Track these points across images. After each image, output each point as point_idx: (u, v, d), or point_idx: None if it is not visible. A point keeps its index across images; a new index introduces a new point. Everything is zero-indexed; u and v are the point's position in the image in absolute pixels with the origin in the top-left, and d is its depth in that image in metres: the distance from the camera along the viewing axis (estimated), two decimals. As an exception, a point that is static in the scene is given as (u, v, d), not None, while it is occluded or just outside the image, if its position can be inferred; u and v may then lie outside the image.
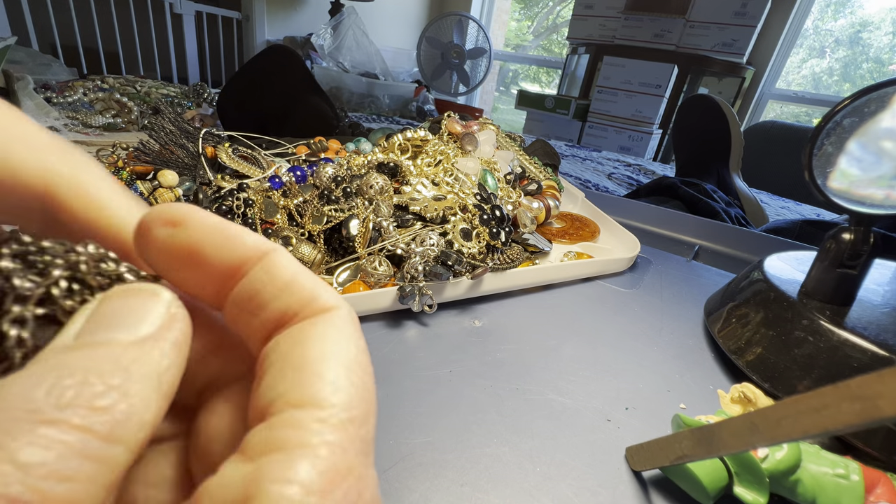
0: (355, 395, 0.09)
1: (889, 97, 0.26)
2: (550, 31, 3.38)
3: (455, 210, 0.38)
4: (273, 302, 0.10)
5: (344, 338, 0.09)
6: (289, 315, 0.10)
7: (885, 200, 0.27)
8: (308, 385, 0.08)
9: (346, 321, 0.10)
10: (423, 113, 2.03)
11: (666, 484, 0.22)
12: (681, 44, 1.82)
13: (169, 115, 0.44)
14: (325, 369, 0.09)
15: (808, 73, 2.37)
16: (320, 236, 0.36)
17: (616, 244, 0.48)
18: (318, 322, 0.09)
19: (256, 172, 0.42)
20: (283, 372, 0.09)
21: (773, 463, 0.20)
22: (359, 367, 0.09)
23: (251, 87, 0.77)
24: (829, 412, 0.13)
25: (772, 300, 0.31)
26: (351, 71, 2.10)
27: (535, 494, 0.21)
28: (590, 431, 0.25)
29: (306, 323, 0.09)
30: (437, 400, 0.26)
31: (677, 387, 0.29)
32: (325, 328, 0.09)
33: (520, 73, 3.57)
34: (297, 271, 0.10)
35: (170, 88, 1.00)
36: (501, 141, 0.57)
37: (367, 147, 0.56)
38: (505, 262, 0.38)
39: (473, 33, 2.54)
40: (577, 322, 0.35)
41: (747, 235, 0.56)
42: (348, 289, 0.33)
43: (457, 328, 0.33)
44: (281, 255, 0.10)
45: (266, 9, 2.15)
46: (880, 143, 0.27)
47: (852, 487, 0.20)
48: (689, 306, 0.40)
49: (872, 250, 0.28)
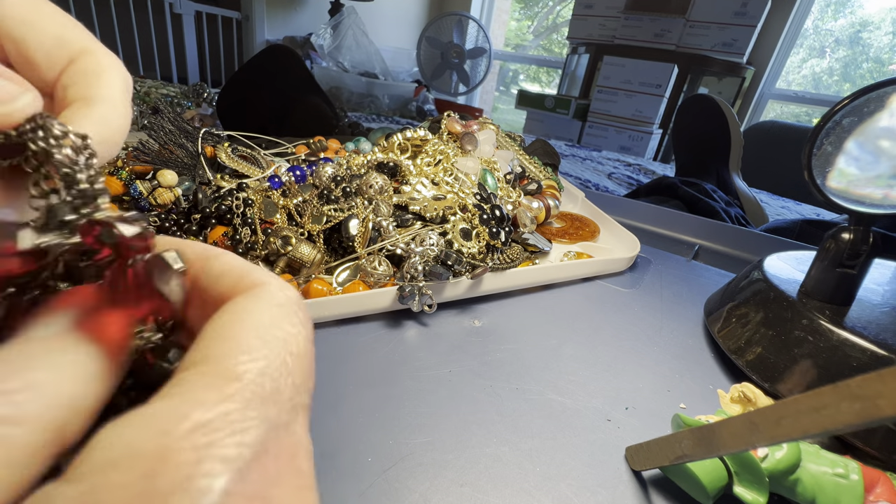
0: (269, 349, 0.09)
1: (887, 97, 0.26)
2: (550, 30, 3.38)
3: (455, 210, 0.38)
4: (211, 290, 0.10)
5: (263, 305, 0.10)
6: (223, 297, 0.10)
7: (883, 200, 0.27)
8: (210, 347, 0.09)
9: (273, 293, 0.10)
10: (423, 113, 2.03)
11: (666, 484, 0.22)
12: (681, 43, 1.82)
13: (168, 114, 0.44)
14: (233, 332, 0.09)
15: (808, 72, 2.37)
16: (320, 236, 0.36)
17: (616, 244, 0.48)
18: (242, 296, 0.10)
19: (256, 172, 0.42)
20: (199, 343, 0.09)
21: (772, 462, 0.20)
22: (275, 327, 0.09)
23: (251, 87, 0.77)
24: (828, 412, 0.13)
25: (771, 300, 0.31)
26: (351, 71, 2.10)
27: (534, 494, 0.21)
28: (590, 431, 0.25)
29: (230, 301, 0.10)
30: (437, 400, 0.26)
31: (677, 386, 0.29)
32: (247, 300, 0.10)
33: (520, 73, 3.57)
34: (231, 260, 0.11)
35: (169, 88, 1.00)
36: (501, 141, 0.57)
37: (366, 147, 0.56)
38: (505, 261, 0.38)
39: (473, 33, 2.54)
40: (577, 322, 0.35)
41: (747, 235, 0.56)
42: (348, 289, 0.33)
43: (457, 328, 0.33)
44: (218, 253, 0.11)
45: (266, 9, 2.15)
46: (878, 143, 0.27)
47: (852, 487, 0.20)
48: (688, 306, 0.40)
49: (872, 250, 0.28)
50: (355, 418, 0.24)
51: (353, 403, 0.25)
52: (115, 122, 0.12)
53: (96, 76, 0.13)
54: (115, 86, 0.13)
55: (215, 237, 0.34)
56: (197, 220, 0.36)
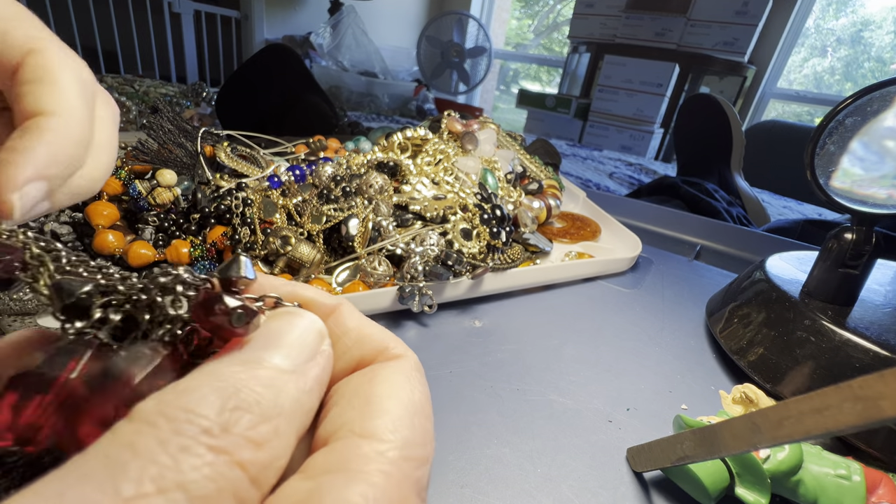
0: (414, 436, 0.09)
1: (891, 96, 0.26)
2: (551, 29, 3.37)
3: (455, 209, 0.38)
4: (348, 353, 0.11)
5: (409, 382, 0.10)
6: (364, 363, 0.11)
7: (887, 200, 0.27)
8: (372, 417, 0.09)
9: (413, 368, 0.10)
10: (423, 112, 2.03)
11: (667, 485, 0.22)
12: (682, 43, 1.81)
13: (167, 114, 0.44)
14: (389, 407, 0.09)
15: (810, 72, 2.36)
16: (319, 236, 0.35)
17: (617, 244, 0.48)
18: (387, 366, 0.10)
19: (255, 172, 0.42)
20: (350, 403, 0.09)
21: (774, 464, 0.20)
22: (421, 412, 0.10)
23: (250, 87, 0.77)
24: (830, 413, 0.13)
25: (773, 300, 0.31)
26: (350, 70, 2.10)
27: (535, 496, 0.21)
28: (591, 432, 0.25)
29: (377, 365, 0.10)
30: (437, 400, 0.26)
31: (679, 387, 0.29)
32: (393, 372, 0.10)
33: (520, 72, 3.57)
34: (364, 324, 0.11)
35: (168, 87, 1.00)
36: (502, 140, 0.57)
37: (366, 146, 0.56)
38: (505, 261, 0.38)
39: (473, 32, 2.54)
40: (578, 322, 0.35)
41: (749, 235, 0.56)
42: (348, 289, 0.32)
43: (457, 328, 0.33)
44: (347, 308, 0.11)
45: (265, 8, 2.15)
46: (883, 143, 0.26)
47: (854, 488, 0.20)
48: (690, 306, 0.39)
49: (874, 250, 0.28)
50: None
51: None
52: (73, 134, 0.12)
53: (46, 84, 0.11)
54: (68, 90, 0.12)
55: (214, 237, 0.34)
56: (196, 220, 0.35)
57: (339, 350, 0.11)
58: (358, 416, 0.09)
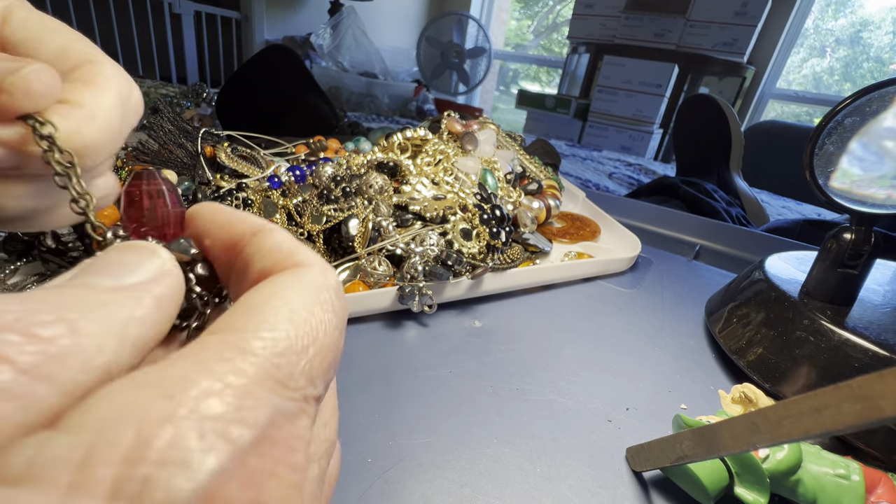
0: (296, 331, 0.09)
1: (890, 97, 0.26)
2: (551, 30, 3.37)
3: (455, 210, 0.38)
4: (256, 263, 0.10)
5: (301, 286, 0.10)
6: (266, 272, 0.10)
7: (886, 200, 0.27)
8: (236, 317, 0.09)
9: (315, 275, 0.10)
10: (423, 112, 2.03)
11: (667, 484, 0.22)
12: (681, 43, 1.82)
13: (168, 114, 0.44)
14: (263, 307, 0.09)
15: (809, 72, 2.36)
16: (319, 236, 0.35)
17: (617, 244, 0.48)
18: (283, 273, 0.10)
19: (255, 172, 0.42)
20: (232, 310, 0.09)
21: (773, 463, 0.20)
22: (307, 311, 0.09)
23: (250, 87, 0.77)
24: (830, 412, 0.13)
25: (773, 300, 0.31)
26: (350, 70, 2.10)
27: (535, 495, 0.21)
28: (590, 432, 0.25)
29: (273, 275, 0.10)
30: (437, 400, 0.26)
31: (678, 387, 0.29)
32: (287, 278, 0.10)
33: (520, 73, 3.57)
34: (283, 239, 0.11)
35: (169, 88, 1.00)
36: (502, 140, 0.57)
37: (366, 146, 0.56)
38: (505, 261, 0.38)
39: (473, 33, 2.54)
40: (577, 322, 0.35)
41: (748, 235, 0.56)
42: (348, 289, 0.33)
43: (457, 328, 0.33)
44: (272, 229, 0.11)
45: (265, 8, 2.15)
46: (882, 143, 0.26)
47: (853, 488, 0.20)
48: (689, 306, 0.40)
49: (873, 250, 0.28)
50: (355, 419, 0.24)
51: (353, 404, 0.25)
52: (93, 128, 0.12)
53: (89, 85, 0.12)
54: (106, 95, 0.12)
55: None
56: (196, 220, 0.36)
57: (249, 263, 0.11)
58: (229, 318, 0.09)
